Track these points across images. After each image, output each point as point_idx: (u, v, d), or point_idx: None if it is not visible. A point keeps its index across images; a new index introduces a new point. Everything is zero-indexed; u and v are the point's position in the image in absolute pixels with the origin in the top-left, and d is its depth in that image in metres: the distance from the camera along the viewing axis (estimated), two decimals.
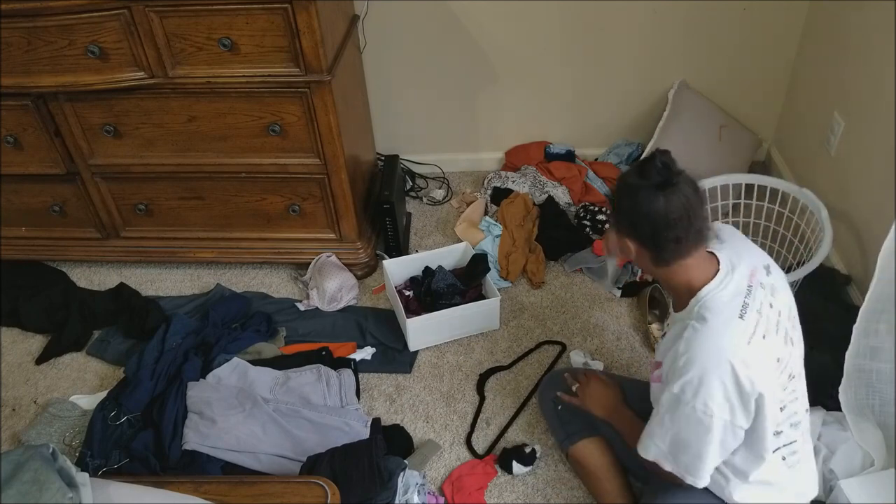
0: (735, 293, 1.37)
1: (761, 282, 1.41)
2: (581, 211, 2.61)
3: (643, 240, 1.38)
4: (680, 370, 1.35)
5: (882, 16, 2.03)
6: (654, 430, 1.43)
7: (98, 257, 2.58)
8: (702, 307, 1.37)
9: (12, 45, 1.98)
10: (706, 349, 1.33)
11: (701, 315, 1.36)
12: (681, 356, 1.35)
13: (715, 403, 1.32)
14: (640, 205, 1.33)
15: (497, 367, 2.19)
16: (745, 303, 1.36)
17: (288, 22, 1.91)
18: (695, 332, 1.35)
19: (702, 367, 1.32)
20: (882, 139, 2.04)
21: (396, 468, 1.80)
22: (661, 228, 1.33)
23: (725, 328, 1.34)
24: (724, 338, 1.34)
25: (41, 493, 1.18)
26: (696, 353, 1.34)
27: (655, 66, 2.67)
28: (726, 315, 1.35)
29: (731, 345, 1.33)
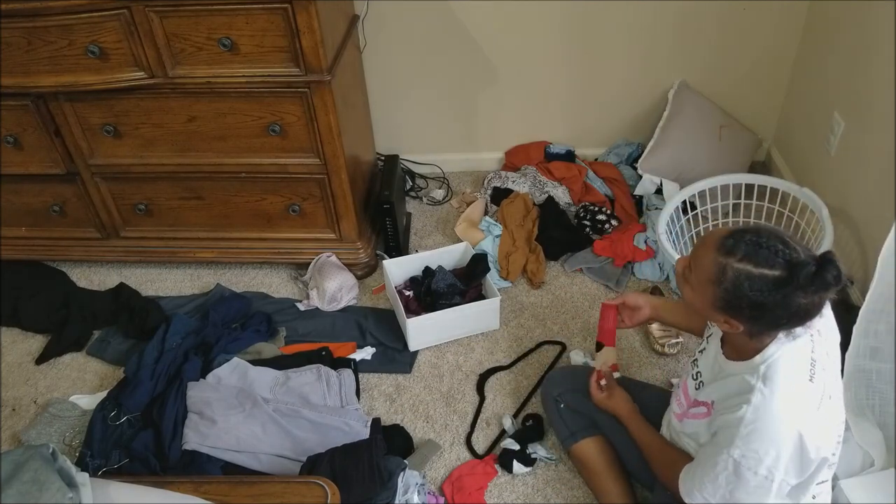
0: (801, 347, 1.29)
1: (819, 328, 1.33)
2: (581, 211, 2.62)
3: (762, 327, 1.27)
4: (745, 437, 1.27)
5: (882, 16, 2.03)
6: (703, 481, 1.35)
7: (98, 257, 2.58)
8: (769, 369, 1.28)
9: (12, 45, 1.98)
10: (777, 422, 1.25)
11: (769, 378, 1.27)
12: (747, 424, 1.26)
13: (777, 470, 1.27)
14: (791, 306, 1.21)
15: (497, 367, 2.19)
16: (813, 360, 1.29)
17: (288, 22, 1.91)
18: (764, 399, 1.26)
19: (771, 441, 1.25)
20: (882, 139, 2.04)
21: (396, 468, 1.80)
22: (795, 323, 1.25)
23: (797, 397, 1.27)
24: (796, 408, 1.26)
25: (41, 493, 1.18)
26: (765, 425, 1.25)
27: (655, 66, 2.67)
28: (797, 380, 1.27)
29: (802, 414, 1.26)
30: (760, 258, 1.21)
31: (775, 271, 1.20)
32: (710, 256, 1.26)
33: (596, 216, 2.57)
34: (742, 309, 1.24)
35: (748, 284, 1.21)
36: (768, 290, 1.20)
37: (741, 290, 1.22)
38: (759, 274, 1.21)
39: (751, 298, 1.22)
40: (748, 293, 1.22)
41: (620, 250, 2.45)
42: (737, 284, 1.22)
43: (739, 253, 1.23)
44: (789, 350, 1.29)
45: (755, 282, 1.21)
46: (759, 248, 1.21)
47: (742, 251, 1.22)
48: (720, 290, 1.25)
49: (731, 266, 1.23)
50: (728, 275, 1.23)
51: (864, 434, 1.74)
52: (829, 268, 1.17)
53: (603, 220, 2.56)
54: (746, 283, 1.21)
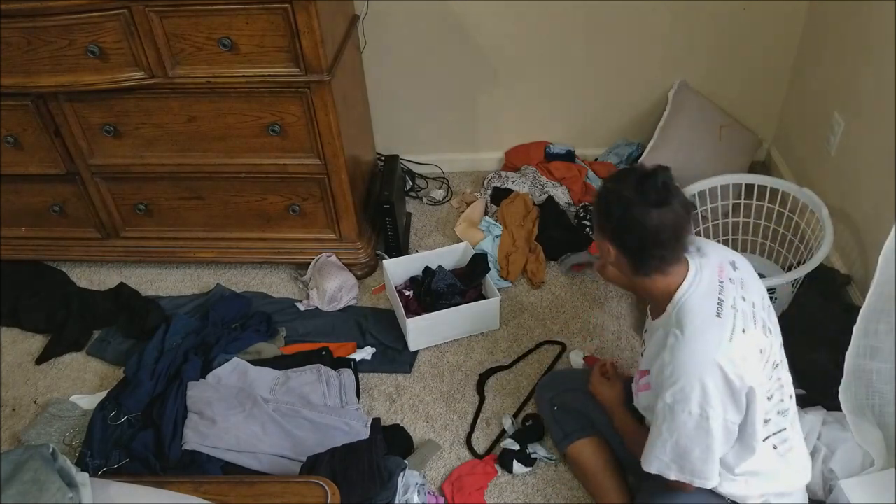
0: (708, 292, 1.39)
1: (730, 277, 1.44)
2: (581, 211, 2.61)
3: (626, 250, 1.40)
4: (669, 379, 1.36)
5: (882, 16, 2.03)
6: (654, 442, 1.43)
7: (98, 257, 2.58)
8: (679, 312, 1.39)
9: (12, 45, 1.98)
10: (691, 354, 1.35)
11: (679, 320, 1.38)
12: (667, 365, 1.37)
13: (710, 405, 1.34)
14: (631, 218, 1.34)
15: (497, 367, 2.19)
16: (720, 300, 1.38)
17: (288, 22, 1.91)
18: (677, 340, 1.37)
19: (690, 373, 1.34)
20: (882, 139, 2.04)
21: (396, 468, 1.81)
22: (648, 245, 1.36)
23: (706, 329, 1.36)
24: (707, 339, 1.35)
25: (41, 493, 1.18)
26: (682, 360, 1.35)
27: (655, 66, 2.67)
28: (704, 316, 1.37)
29: (715, 345, 1.34)
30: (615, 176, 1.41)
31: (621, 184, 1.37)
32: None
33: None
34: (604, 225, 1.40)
35: (603, 197, 1.40)
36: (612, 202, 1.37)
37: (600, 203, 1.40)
38: (609, 188, 1.40)
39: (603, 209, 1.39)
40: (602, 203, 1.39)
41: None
42: (599, 199, 1.41)
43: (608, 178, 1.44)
44: (695, 293, 1.39)
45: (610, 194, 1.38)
46: (619, 173, 1.42)
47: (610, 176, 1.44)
48: (595, 209, 1.43)
49: (602, 186, 1.44)
50: (599, 194, 1.43)
51: (864, 434, 1.74)
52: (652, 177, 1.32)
53: None
54: (603, 196, 1.40)
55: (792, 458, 1.51)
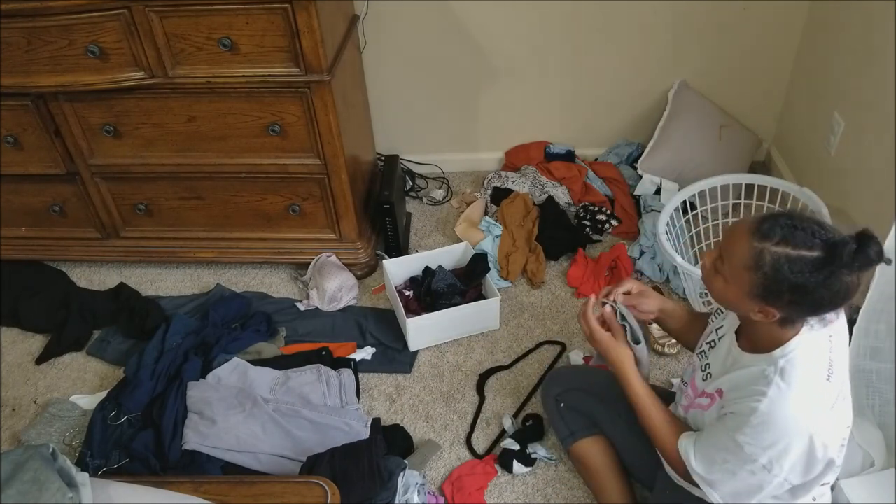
0: (821, 349, 1.28)
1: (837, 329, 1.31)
2: (581, 211, 2.62)
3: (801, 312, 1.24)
4: (755, 427, 1.26)
5: (882, 16, 2.03)
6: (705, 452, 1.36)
7: (98, 257, 2.58)
8: (788, 363, 1.26)
9: (12, 45, 1.98)
10: (790, 415, 1.24)
11: (787, 372, 1.26)
12: (758, 414, 1.26)
13: (781, 467, 1.27)
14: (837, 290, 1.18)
15: (497, 367, 2.19)
16: (830, 360, 1.27)
17: (288, 22, 1.91)
18: (780, 394, 1.25)
19: (781, 434, 1.25)
20: (882, 139, 2.04)
21: (396, 468, 1.80)
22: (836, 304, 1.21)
23: (812, 394, 1.25)
24: (810, 405, 1.25)
25: (41, 493, 1.18)
26: (777, 417, 1.24)
27: (655, 66, 2.67)
28: (814, 378, 1.26)
29: (816, 413, 1.25)
30: (798, 240, 1.18)
31: (815, 252, 1.17)
32: (745, 243, 1.23)
33: (596, 216, 2.57)
34: (781, 294, 1.21)
35: (788, 267, 1.18)
36: (809, 272, 1.17)
37: (781, 274, 1.19)
38: (797, 256, 1.18)
39: (791, 281, 1.18)
40: (789, 276, 1.18)
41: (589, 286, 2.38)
42: (776, 268, 1.19)
43: (776, 236, 1.20)
44: (809, 347, 1.27)
45: (795, 263, 1.18)
46: (795, 230, 1.19)
47: (779, 234, 1.19)
48: (759, 275, 1.21)
49: (769, 250, 1.20)
50: (766, 259, 1.20)
51: (864, 434, 1.74)
52: (871, 243, 1.15)
53: (603, 220, 2.56)
54: (787, 265, 1.18)
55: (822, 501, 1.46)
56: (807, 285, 1.18)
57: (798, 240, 1.18)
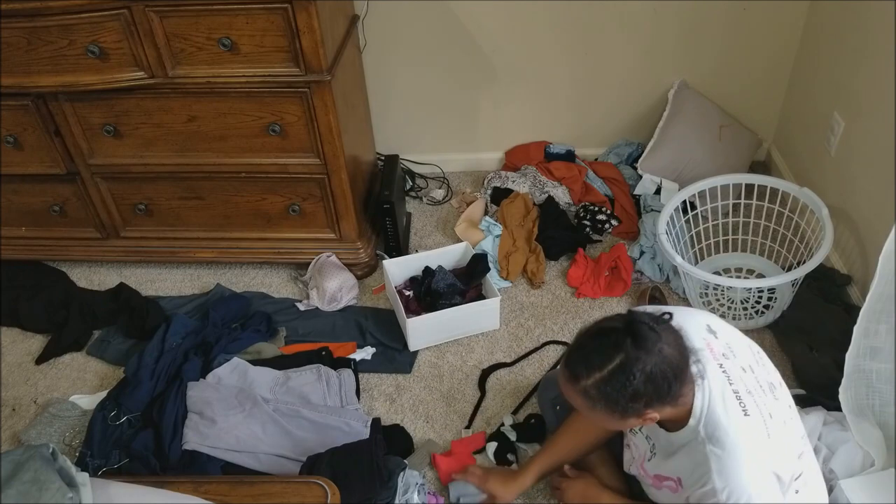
0: (722, 390, 1.32)
1: (723, 353, 1.37)
2: (581, 211, 2.62)
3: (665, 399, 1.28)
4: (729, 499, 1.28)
5: (882, 16, 2.03)
6: None
7: (98, 257, 2.58)
8: (706, 428, 1.30)
9: (12, 45, 1.98)
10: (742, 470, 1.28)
11: (713, 436, 1.30)
12: (720, 491, 1.28)
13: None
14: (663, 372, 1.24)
15: (500, 364, 2.19)
16: (736, 392, 1.32)
17: (288, 22, 1.91)
18: (720, 461, 1.29)
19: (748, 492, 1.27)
20: (882, 139, 2.04)
21: (396, 468, 1.81)
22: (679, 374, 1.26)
23: (743, 437, 1.29)
24: (749, 448, 1.29)
25: (41, 493, 1.18)
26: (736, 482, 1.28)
27: (655, 66, 2.67)
28: (734, 423, 1.30)
29: (759, 451, 1.29)
30: (595, 362, 1.25)
31: (614, 361, 1.23)
32: (571, 394, 1.31)
33: (596, 216, 2.57)
34: (630, 406, 1.26)
35: (610, 388, 1.24)
36: (626, 379, 1.22)
37: (612, 397, 1.25)
38: (607, 374, 1.24)
39: (624, 395, 1.24)
40: (618, 394, 1.24)
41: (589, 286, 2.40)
42: (605, 395, 1.25)
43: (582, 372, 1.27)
44: (712, 397, 1.31)
45: (611, 382, 1.24)
46: (588, 356, 1.26)
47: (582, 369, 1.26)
48: (603, 407, 1.27)
49: (587, 386, 1.26)
50: (592, 394, 1.27)
51: (864, 434, 1.74)
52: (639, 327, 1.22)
53: (603, 220, 2.56)
54: (608, 388, 1.24)
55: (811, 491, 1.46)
56: (637, 389, 1.23)
57: (596, 361, 1.25)
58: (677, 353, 1.26)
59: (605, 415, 1.29)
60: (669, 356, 1.24)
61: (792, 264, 2.28)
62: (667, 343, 1.24)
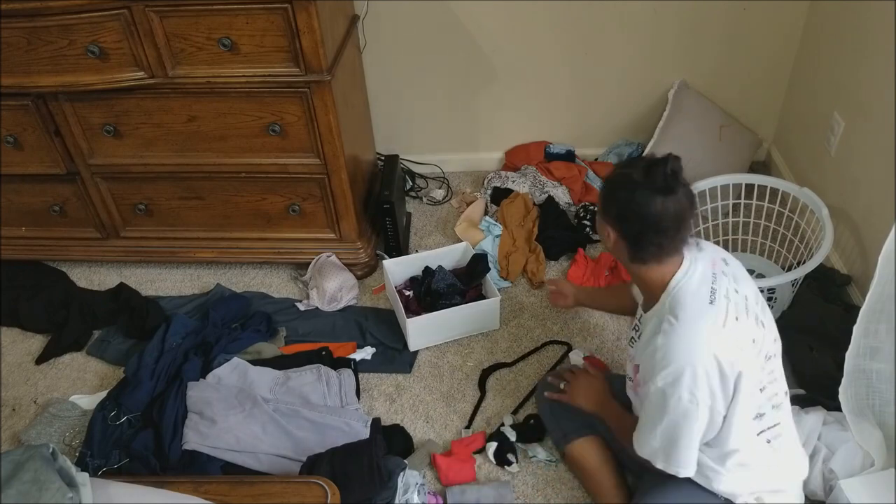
0: (701, 281, 1.41)
1: (723, 270, 1.46)
2: (581, 211, 2.62)
3: (626, 234, 1.41)
4: (661, 362, 1.38)
5: (882, 16, 2.03)
6: (644, 426, 1.47)
7: (98, 257, 2.58)
8: (672, 300, 1.41)
9: (12, 45, 1.98)
10: (685, 339, 1.37)
11: (672, 307, 1.40)
12: (659, 349, 1.38)
13: (700, 391, 1.36)
14: (635, 202, 1.36)
15: (500, 364, 2.19)
16: (713, 289, 1.41)
17: (288, 22, 1.91)
18: (671, 326, 1.38)
19: (683, 358, 1.36)
20: (882, 139, 2.05)
21: (396, 468, 1.81)
22: (648, 231, 1.37)
23: (700, 316, 1.38)
24: (700, 325, 1.37)
25: (41, 493, 1.18)
26: (675, 345, 1.37)
27: (655, 66, 2.67)
28: (698, 303, 1.39)
29: (708, 331, 1.37)
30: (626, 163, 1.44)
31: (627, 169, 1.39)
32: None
33: (596, 216, 2.57)
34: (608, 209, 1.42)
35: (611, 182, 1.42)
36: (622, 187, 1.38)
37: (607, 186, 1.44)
38: (619, 173, 1.42)
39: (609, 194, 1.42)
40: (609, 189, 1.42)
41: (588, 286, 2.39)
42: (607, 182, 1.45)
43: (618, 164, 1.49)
44: (689, 282, 1.41)
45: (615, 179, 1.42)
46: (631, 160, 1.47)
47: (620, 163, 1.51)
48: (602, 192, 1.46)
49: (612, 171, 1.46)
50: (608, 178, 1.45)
51: (864, 434, 1.74)
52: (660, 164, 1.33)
53: None
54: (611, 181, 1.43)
55: (786, 452, 1.52)
56: (618, 198, 1.39)
57: (627, 163, 1.44)
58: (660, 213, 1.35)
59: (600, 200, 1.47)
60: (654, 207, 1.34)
61: (792, 264, 2.28)
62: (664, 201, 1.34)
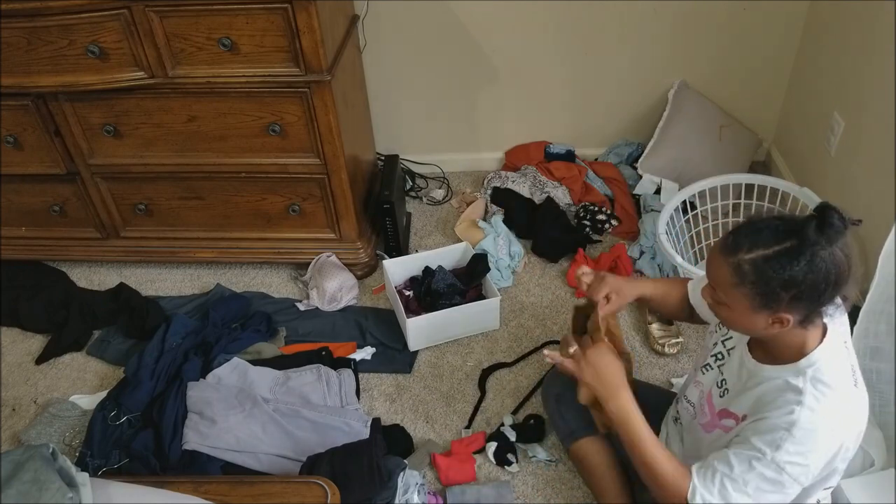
0: (842, 355, 1.27)
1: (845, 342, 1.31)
2: (581, 211, 2.61)
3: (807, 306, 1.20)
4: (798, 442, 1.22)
5: (882, 16, 2.03)
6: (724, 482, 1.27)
7: (98, 257, 2.58)
8: (817, 371, 1.23)
9: (12, 45, 1.98)
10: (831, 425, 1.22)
11: (819, 380, 1.23)
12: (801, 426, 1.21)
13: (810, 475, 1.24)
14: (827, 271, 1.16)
15: (500, 364, 2.19)
16: (853, 366, 1.27)
17: (288, 22, 1.91)
18: (818, 403, 1.22)
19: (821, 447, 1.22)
20: (882, 139, 2.04)
21: (396, 468, 1.81)
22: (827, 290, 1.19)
23: (849, 401, 1.25)
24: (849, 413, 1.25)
25: (41, 493, 1.18)
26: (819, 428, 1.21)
27: (655, 66, 2.67)
28: (845, 384, 1.24)
29: (853, 421, 1.25)
30: (765, 238, 1.20)
31: (785, 243, 1.18)
32: (722, 263, 1.24)
33: (596, 216, 2.57)
34: (778, 295, 1.19)
35: (769, 267, 1.18)
36: (789, 263, 1.17)
37: (767, 276, 1.19)
38: (772, 253, 1.18)
39: (779, 278, 1.18)
40: (774, 275, 1.18)
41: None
42: (760, 273, 1.19)
43: (745, 245, 1.21)
44: (832, 354, 1.26)
45: (773, 261, 1.18)
46: (760, 232, 1.21)
47: (746, 242, 1.21)
48: (748, 287, 1.21)
49: (744, 259, 1.20)
50: (746, 269, 1.20)
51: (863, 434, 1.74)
52: (830, 213, 1.16)
53: (603, 219, 2.56)
54: (767, 266, 1.18)
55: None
56: (795, 276, 1.17)
57: (765, 238, 1.20)
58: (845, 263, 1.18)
59: (745, 296, 1.22)
60: (839, 259, 1.17)
61: None
62: (842, 246, 1.17)
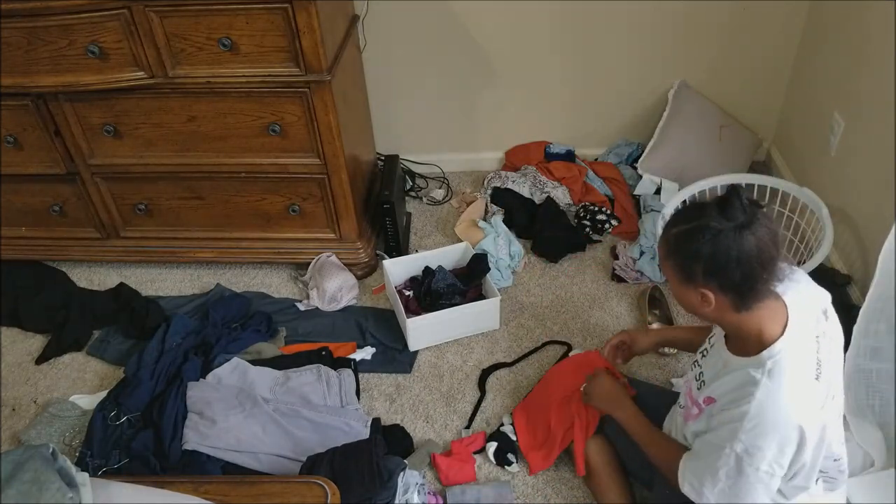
0: (808, 349, 1.31)
1: (824, 331, 1.36)
2: (581, 211, 2.61)
3: (728, 287, 1.29)
4: (749, 432, 1.28)
5: (882, 16, 2.03)
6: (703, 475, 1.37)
7: (98, 257, 2.58)
8: (776, 364, 1.29)
9: (12, 45, 1.98)
10: (780, 415, 1.27)
11: (775, 373, 1.28)
12: (751, 418, 1.27)
13: (779, 465, 1.29)
14: (728, 249, 1.25)
15: (500, 364, 2.19)
16: (819, 360, 1.31)
17: (288, 22, 1.91)
18: (768, 395, 1.27)
19: (774, 435, 1.27)
20: (882, 139, 2.04)
21: (396, 468, 1.80)
22: (753, 271, 1.26)
23: (802, 393, 1.28)
24: (800, 403, 1.28)
25: (41, 493, 1.18)
26: (769, 419, 1.27)
27: (655, 66, 2.67)
28: (803, 377, 1.29)
29: (807, 411, 1.28)
30: (684, 216, 1.33)
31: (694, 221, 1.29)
32: (661, 241, 1.38)
33: (596, 216, 2.57)
34: (692, 268, 1.30)
35: (681, 240, 1.31)
36: (694, 238, 1.28)
37: (679, 248, 1.32)
38: (684, 229, 1.31)
39: (687, 252, 1.30)
40: (683, 248, 1.31)
41: None
42: (676, 247, 1.32)
43: (672, 223, 1.35)
44: (795, 348, 1.30)
45: (682, 235, 1.30)
46: (684, 211, 1.35)
47: (673, 221, 1.35)
48: (671, 259, 1.34)
49: (670, 234, 1.34)
50: (670, 243, 1.34)
51: (864, 434, 1.74)
52: (732, 197, 1.26)
53: (603, 219, 2.56)
54: (679, 240, 1.31)
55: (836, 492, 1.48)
56: (699, 250, 1.28)
57: (685, 216, 1.33)
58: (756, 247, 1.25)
59: (673, 271, 1.35)
60: (747, 243, 1.25)
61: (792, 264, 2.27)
62: (753, 232, 1.25)
